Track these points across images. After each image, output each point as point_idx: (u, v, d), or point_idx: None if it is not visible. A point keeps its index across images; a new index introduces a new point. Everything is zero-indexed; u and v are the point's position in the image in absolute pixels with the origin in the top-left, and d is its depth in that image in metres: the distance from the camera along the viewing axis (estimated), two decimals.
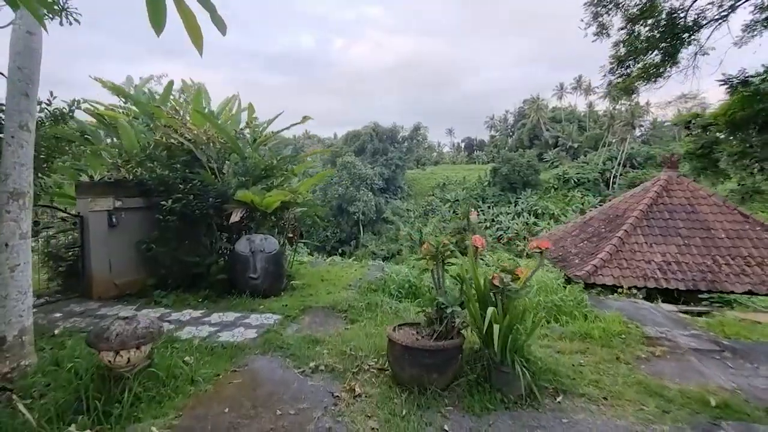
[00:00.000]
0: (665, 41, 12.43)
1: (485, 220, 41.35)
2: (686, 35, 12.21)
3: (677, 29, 12.14)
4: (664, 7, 11.79)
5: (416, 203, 51.83)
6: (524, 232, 37.74)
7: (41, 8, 2.28)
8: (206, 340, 4.10)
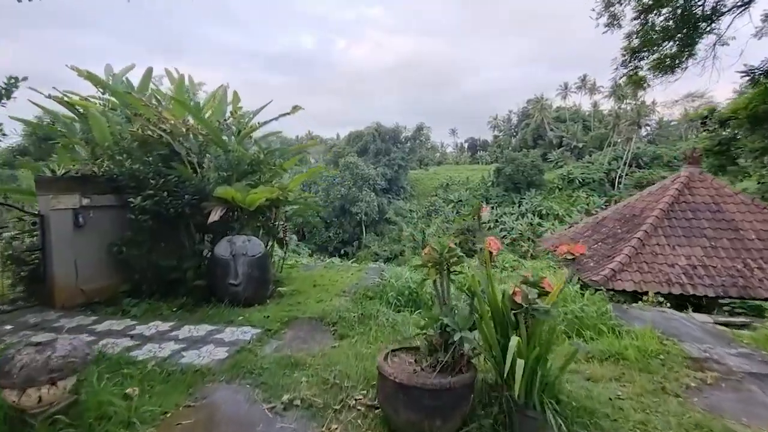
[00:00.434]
0: (681, 31, 11.73)
1: (489, 220, 40.60)
2: (704, 24, 11.51)
3: (695, 18, 11.43)
4: None
5: (419, 204, 51.14)
6: (528, 232, 36.95)
7: None
8: (165, 362, 3.43)
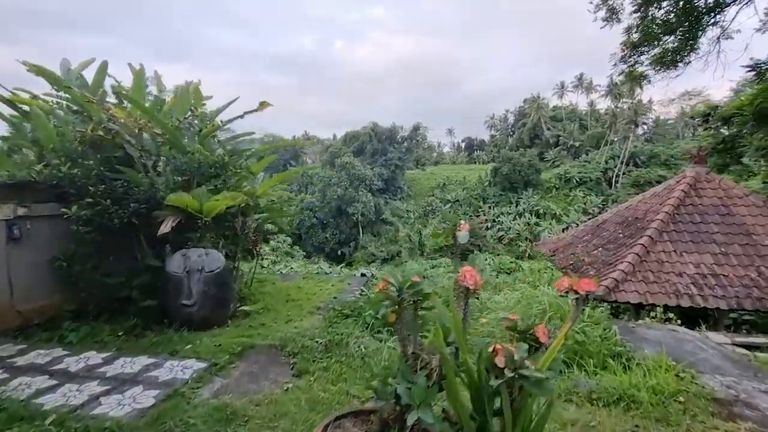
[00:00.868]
0: (683, 24, 11.17)
1: (486, 220, 40.02)
2: (707, 17, 10.95)
3: (697, 11, 10.87)
4: None
5: (416, 204, 50.53)
6: (526, 232, 36.48)
7: None
8: (74, 413, 2.78)
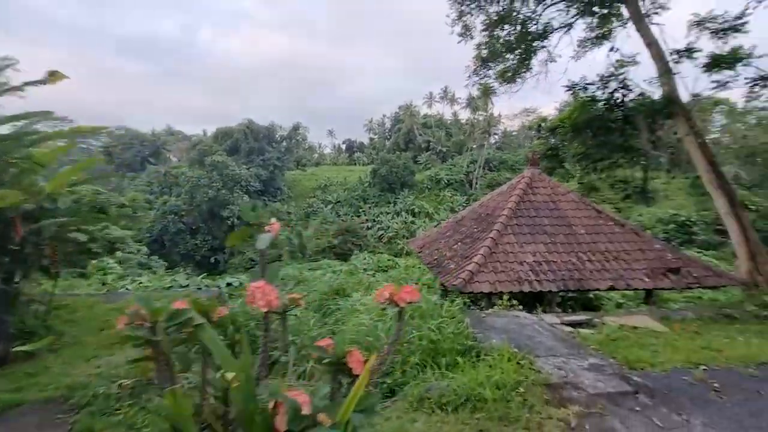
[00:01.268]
0: (521, 46, 13.05)
1: (367, 220, 40.98)
2: (538, 41, 12.99)
3: (530, 36, 12.83)
4: (519, 15, 12.37)
5: (297, 205, 48.87)
6: (403, 230, 38.50)
7: None
8: None
